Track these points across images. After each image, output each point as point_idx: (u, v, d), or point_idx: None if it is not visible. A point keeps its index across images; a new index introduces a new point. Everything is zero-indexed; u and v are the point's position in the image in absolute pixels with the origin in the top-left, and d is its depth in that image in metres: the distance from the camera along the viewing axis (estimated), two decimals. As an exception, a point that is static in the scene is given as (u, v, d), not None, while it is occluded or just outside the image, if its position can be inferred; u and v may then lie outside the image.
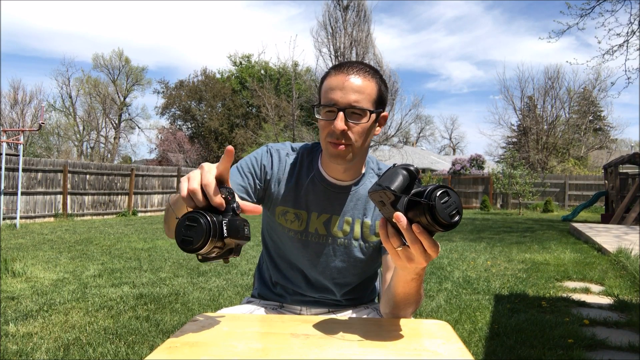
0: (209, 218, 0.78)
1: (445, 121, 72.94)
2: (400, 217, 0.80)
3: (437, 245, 0.83)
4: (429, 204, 0.77)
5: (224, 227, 0.79)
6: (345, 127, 1.12)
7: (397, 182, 0.82)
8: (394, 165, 0.86)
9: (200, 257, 0.81)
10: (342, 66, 1.17)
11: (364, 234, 1.27)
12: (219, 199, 0.81)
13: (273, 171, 1.28)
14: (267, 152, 1.30)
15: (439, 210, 0.76)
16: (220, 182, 0.84)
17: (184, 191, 0.82)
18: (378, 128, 1.22)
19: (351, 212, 1.27)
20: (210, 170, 0.82)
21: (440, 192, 0.77)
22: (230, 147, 0.83)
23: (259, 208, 0.87)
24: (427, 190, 0.78)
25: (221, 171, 0.84)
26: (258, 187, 1.27)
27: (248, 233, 0.82)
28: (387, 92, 1.23)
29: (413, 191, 0.82)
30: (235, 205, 0.82)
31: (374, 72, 1.18)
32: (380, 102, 1.18)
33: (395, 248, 0.86)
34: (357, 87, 1.13)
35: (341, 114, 1.12)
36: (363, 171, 1.29)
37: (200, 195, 0.81)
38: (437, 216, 0.77)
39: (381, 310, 1.17)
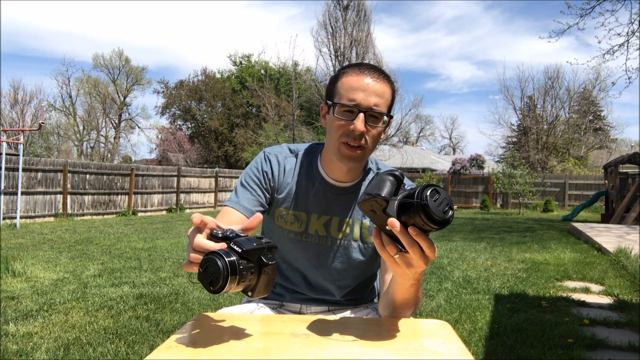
0: (221, 260, 0.80)
1: (445, 121, 72.90)
2: (394, 223, 0.80)
3: (434, 246, 0.83)
4: (422, 203, 0.78)
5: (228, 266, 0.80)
6: (364, 130, 1.12)
7: (386, 188, 0.82)
8: (377, 173, 0.86)
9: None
10: (361, 67, 1.17)
11: (363, 235, 1.27)
12: (218, 246, 0.82)
13: (274, 176, 1.28)
14: (265, 159, 1.29)
15: (433, 208, 0.77)
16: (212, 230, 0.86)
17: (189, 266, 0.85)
18: (383, 133, 1.24)
19: (351, 214, 1.27)
20: (193, 234, 0.85)
21: (430, 190, 0.78)
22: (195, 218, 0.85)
23: (255, 221, 0.90)
24: (417, 191, 0.79)
25: (205, 225, 0.86)
26: (267, 195, 1.27)
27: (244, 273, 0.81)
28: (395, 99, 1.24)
29: (401, 195, 0.82)
30: (237, 240, 0.83)
31: (390, 78, 1.20)
32: (391, 108, 1.20)
33: (393, 256, 0.85)
34: (378, 90, 1.14)
35: (362, 115, 1.11)
36: (362, 172, 1.29)
37: (199, 255, 0.83)
38: (432, 214, 0.77)
39: (380, 312, 1.17)
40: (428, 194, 0.78)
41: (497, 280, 4.84)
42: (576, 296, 4.14)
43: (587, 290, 4.40)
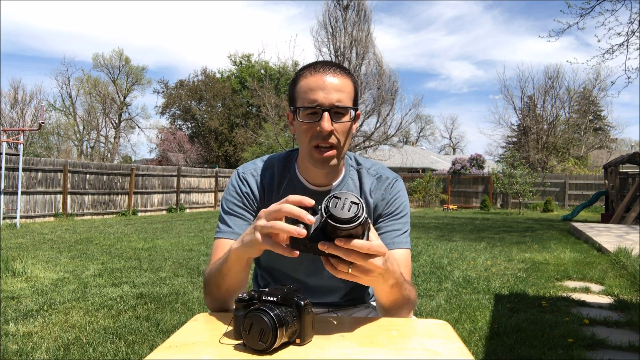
0: (269, 316, 0.82)
1: (445, 121, 72.76)
2: (322, 244, 0.84)
3: (374, 244, 0.85)
4: (326, 216, 0.83)
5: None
6: (332, 128, 1.10)
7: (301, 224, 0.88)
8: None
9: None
10: (317, 65, 1.14)
11: None
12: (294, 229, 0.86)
13: (256, 195, 1.24)
14: (241, 180, 1.25)
15: (336, 213, 0.82)
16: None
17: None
18: (354, 126, 1.20)
19: None
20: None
21: (331, 200, 0.84)
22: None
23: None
24: (321, 208, 0.85)
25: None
26: (254, 216, 1.23)
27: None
28: (359, 91, 1.21)
29: (316, 219, 0.88)
30: (268, 292, 0.88)
31: (349, 71, 1.17)
32: (356, 100, 1.17)
33: (348, 272, 0.87)
34: (338, 86, 1.11)
35: (327, 114, 1.09)
36: (343, 170, 1.26)
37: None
38: (338, 218, 0.82)
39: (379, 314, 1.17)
40: (329, 204, 0.83)
41: (497, 280, 4.84)
42: (576, 296, 4.13)
43: (587, 290, 4.40)
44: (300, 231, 0.85)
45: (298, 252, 0.88)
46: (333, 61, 1.20)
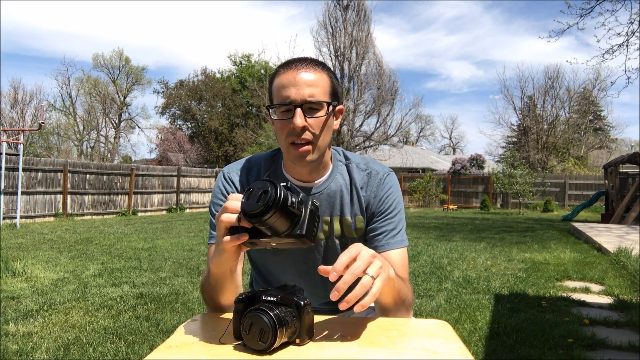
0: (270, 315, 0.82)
1: (445, 121, 72.68)
2: (344, 306, 0.86)
3: (352, 251, 0.89)
4: (243, 213, 0.83)
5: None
6: (306, 123, 1.08)
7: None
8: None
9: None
10: (290, 63, 1.13)
11: (345, 231, 1.24)
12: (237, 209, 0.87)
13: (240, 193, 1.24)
14: (227, 180, 1.24)
15: (245, 206, 0.82)
16: None
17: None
18: (336, 122, 1.18)
19: (328, 211, 1.23)
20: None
21: (244, 196, 0.83)
22: None
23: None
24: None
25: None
26: None
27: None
28: (339, 85, 1.18)
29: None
30: (268, 292, 0.87)
31: (324, 66, 1.16)
32: (334, 94, 1.15)
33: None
34: (310, 81, 1.09)
35: (299, 110, 1.07)
36: (330, 166, 1.24)
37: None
38: (247, 212, 0.82)
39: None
40: (243, 201, 0.83)
41: (497, 280, 4.84)
42: (576, 296, 4.14)
43: (587, 290, 4.40)
44: (236, 208, 0.87)
45: (247, 236, 0.87)
46: (308, 57, 1.18)
